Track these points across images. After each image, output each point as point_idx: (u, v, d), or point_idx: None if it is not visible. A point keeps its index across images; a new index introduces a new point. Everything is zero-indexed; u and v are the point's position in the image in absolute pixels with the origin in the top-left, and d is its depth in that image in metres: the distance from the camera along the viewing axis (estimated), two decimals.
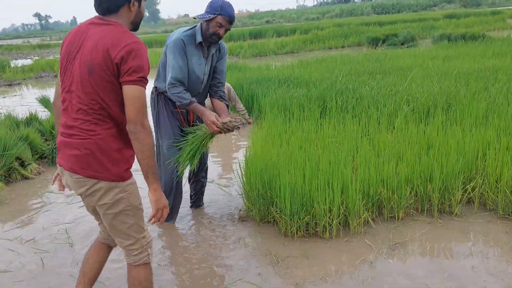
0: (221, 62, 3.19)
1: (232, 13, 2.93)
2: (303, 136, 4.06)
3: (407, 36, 15.24)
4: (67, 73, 1.87)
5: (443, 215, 3.22)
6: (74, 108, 1.84)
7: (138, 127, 1.78)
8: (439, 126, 3.97)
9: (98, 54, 1.76)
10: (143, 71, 1.79)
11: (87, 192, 1.88)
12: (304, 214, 2.98)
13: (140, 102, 1.79)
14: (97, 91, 1.79)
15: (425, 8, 54.55)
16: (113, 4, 1.84)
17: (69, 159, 1.86)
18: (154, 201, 1.90)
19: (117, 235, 2.00)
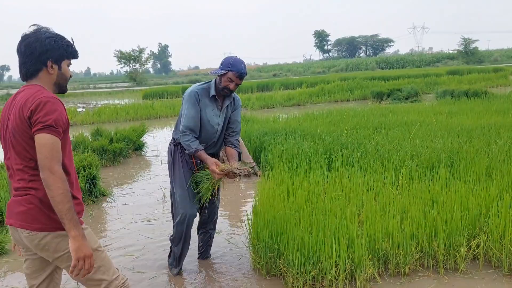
0: (235, 113, 3.39)
1: (243, 69, 3.15)
2: (309, 189, 4.15)
3: (411, 91, 15.62)
4: (4, 142, 1.97)
5: (449, 272, 3.23)
6: (14, 171, 1.94)
7: (46, 173, 1.80)
8: (443, 182, 4.06)
9: (16, 115, 1.87)
10: (49, 120, 1.82)
11: (39, 246, 1.92)
12: (311, 268, 3.02)
13: (46, 149, 1.81)
14: (26, 149, 1.89)
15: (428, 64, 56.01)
16: (30, 69, 1.94)
17: (18, 217, 1.92)
18: (73, 250, 1.83)
19: (89, 284, 2.02)
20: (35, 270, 2.09)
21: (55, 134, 1.84)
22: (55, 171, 1.81)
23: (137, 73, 55.67)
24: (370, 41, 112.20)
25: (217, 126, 3.29)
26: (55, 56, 1.94)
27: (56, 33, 1.98)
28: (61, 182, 1.82)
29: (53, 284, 2.15)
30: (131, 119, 15.14)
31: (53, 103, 1.86)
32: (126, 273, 3.54)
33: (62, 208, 1.82)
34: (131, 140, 8.69)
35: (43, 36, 1.91)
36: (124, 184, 6.57)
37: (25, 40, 1.91)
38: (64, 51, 1.97)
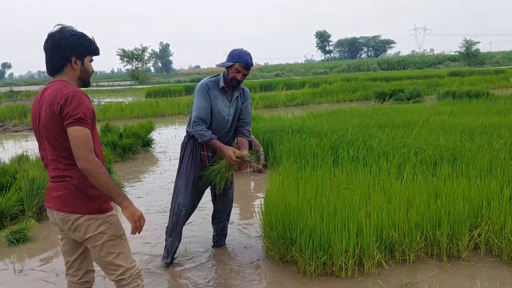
0: (245, 104, 3.57)
1: (249, 59, 3.33)
2: (318, 183, 4.35)
3: (413, 92, 15.81)
4: (38, 135, 2.15)
5: (452, 260, 3.43)
6: (49, 161, 2.13)
7: (84, 163, 2.00)
8: (446, 177, 4.25)
9: (47, 110, 2.05)
10: (79, 113, 1.99)
11: (73, 227, 2.13)
12: (322, 254, 3.21)
13: (79, 140, 1.99)
14: (59, 141, 2.06)
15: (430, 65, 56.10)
16: (56, 65, 2.11)
17: (55, 200, 2.13)
18: (128, 216, 2.12)
19: (107, 268, 2.22)
20: (70, 248, 2.30)
21: (85, 125, 2.02)
22: (90, 160, 2.01)
23: (139, 71, 55.88)
24: (371, 42, 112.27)
25: (228, 117, 3.47)
26: (79, 53, 2.12)
27: (79, 31, 2.16)
28: (99, 167, 2.03)
29: (86, 261, 2.35)
30: (136, 117, 15.34)
31: (79, 96, 2.03)
32: (144, 257, 3.73)
33: (107, 188, 2.04)
34: (140, 136, 8.89)
35: (67, 34, 2.09)
36: (135, 179, 6.76)
37: (51, 38, 2.09)
38: (87, 48, 2.15)
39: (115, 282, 2.24)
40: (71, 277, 2.34)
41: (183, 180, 3.48)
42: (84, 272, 2.34)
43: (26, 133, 12.91)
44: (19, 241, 4.15)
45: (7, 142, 11.37)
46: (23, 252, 4.01)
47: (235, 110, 3.51)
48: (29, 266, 3.71)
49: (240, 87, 3.51)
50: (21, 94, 32.36)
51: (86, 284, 2.36)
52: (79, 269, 2.33)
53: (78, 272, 2.33)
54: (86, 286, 2.36)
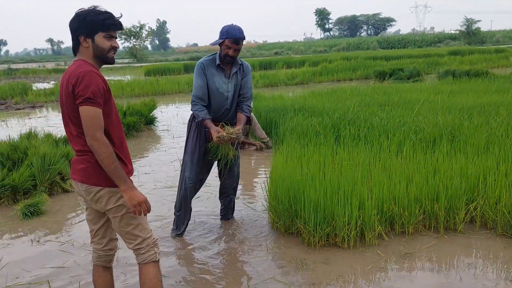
0: (245, 79, 3.66)
1: (237, 34, 3.39)
2: (320, 160, 4.50)
3: (413, 71, 15.85)
4: (63, 112, 2.25)
5: (448, 232, 3.61)
6: (73, 136, 2.23)
7: (91, 141, 2.09)
8: (444, 154, 4.41)
9: (64, 89, 2.16)
10: (88, 93, 2.06)
11: (95, 198, 2.26)
12: (325, 226, 3.39)
13: (88, 119, 2.08)
14: (77, 118, 2.15)
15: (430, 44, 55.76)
16: (73, 45, 2.23)
17: (79, 173, 2.25)
18: (128, 200, 2.18)
19: (126, 237, 2.37)
20: (94, 217, 2.45)
21: (95, 105, 2.09)
22: (97, 138, 2.09)
23: (137, 49, 55.39)
24: (371, 20, 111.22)
25: (227, 93, 3.57)
26: (85, 32, 2.18)
27: (90, 10, 2.19)
28: (105, 147, 2.11)
29: (109, 230, 2.50)
30: (136, 95, 15.39)
31: (90, 76, 2.08)
32: (156, 230, 3.91)
33: (109, 168, 2.14)
34: (143, 114, 9.00)
35: (75, 15, 2.18)
36: (141, 156, 6.92)
37: (73, 19, 2.19)
38: (96, 25, 2.17)
39: (134, 250, 2.39)
40: (96, 244, 2.49)
41: (189, 155, 3.63)
42: (108, 240, 2.49)
43: (28, 111, 13.00)
44: (33, 214, 4.32)
45: (10, 119, 11.46)
46: (38, 224, 4.18)
47: (235, 86, 3.60)
48: (45, 237, 3.89)
49: (238, 62, 3.59)
50: (20, 71, 32.22)
51: (110, 251, 2.52)
52: (104, 237, 2.48)
53: (103, 240, 2.48)
54: (110, 253, 2.52)
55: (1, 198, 4.68)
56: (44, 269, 3.30)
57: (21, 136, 6.18)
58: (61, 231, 4.01)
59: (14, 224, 4.19)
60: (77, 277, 3.16)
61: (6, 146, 5.27)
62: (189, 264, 3.37)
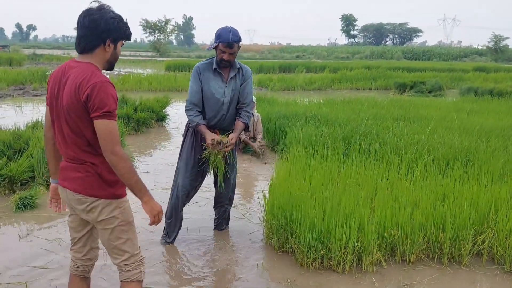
0: (245, 85, 3.49)
1: (230, 37, 3.21)
2: (325, 174, 4.31)
3: (435, 85, 15.49)
4: (57, 113, 2.09)
5: (453, 264, 3.39)
6: (68, 143, 2.09)
7: (110, 156, 2.01)
8: (456, 178, 4.17)
9: (71, 95, 1.99)
10: (107, 106, 1.97)
11: (87, 208, 2.14)
12: (320, 247, 3.21)
13: (107, 134, 1.99)
14: (80, 128, 2.03)
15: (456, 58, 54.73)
16: (89, 44, 2.05)
17: (73, 181, 2.12)
18: (148, 211, 2.15)
19: (113, 252, 2.24)
20: (78, 225, 2.31)
21: (113, 118, 2.02)
22: (116, 153, 2.01)
23: (161, 43, 55.82)
24: (398, 30, 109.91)
25: (223, 99, 3.40)
26: (115, 36, 2.08)
27: (118, 14, 2.12)
28: (124, 161, 2.03)
29: (92, 238, 2.37)
30: (153, 90, 15.38)
31: (106, 87, 1.99)
32: (147, 235, 3.78)
33: (130, 182, 2.07)
34: (155, 110, 8.93)
35: (108, 16, 2.05)
36: (146, 153, 6.82)
37: (90, 15, 2.03)
38: (123, 33, 2.12)
39: (118, 266, 2.26)
40: (75, 252, 2.36)
41: (183, 162, 3.50)
42: (88, 249, 2.36)
43: (45, 98, 13.08)
44: (26, 207, 4.24)
45: (26, 105, 11.54)
46: (30, 218, 4.09)
47: (233, 91, 3.43)
48: (34, 233, 3.79)
49: (236, 65, 3.42)
50: (44, 57, 32.72)
51: (89, 261, 2.39)
52: (84, 246, 2.35)
53: (83, 248, 2.35)
54: (88, 263, 2.39)
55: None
56: (26, 268, 3.19)
57: (27, 125, 6.14)
58: (50, 228, 3.91)
59: (6, 216, 4.12)
60: (56, 281, 3.04)
61: (10, 134, 5.23)
62: (176, 273, 3.23)
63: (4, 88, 14.27)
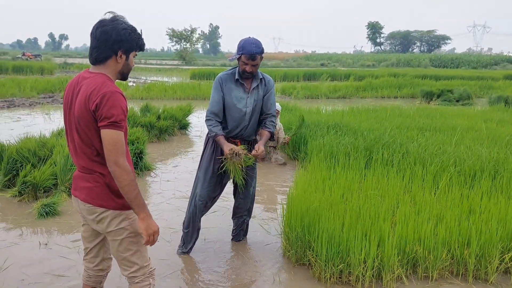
0: (268, 95, 3.47)
1: (253, 49, 3.17)
2: (346, 185, 4.22)
3: (463, 93, 15.08)
4: (69, 122, 2.11)
5: (478, 282, 3.24)
6: (78, 153, 2.09)
7: (113, 166, 1.98)
8: (484, 192, 4.01)
9: (82, 105, 1.99)
10: (114, 116, 1.96)
11: (97, 219, 2.14)
12: (339, 262, 3.12)
13: (112, 144, 1.97)
14: (89, 137, 2.03)
15: (486, 66, 53.29)
16: (101, 55, 2.05)
17: (83, 191, 2.13)
18: (144, 228, 2.08)
19: (122, 263, 2.23)
20: (90, 235, 2.32)
21: (119, 129, 2.00)
22: (120, 164, 1.98)
23: (187, 52, 56.63)
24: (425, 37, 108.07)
25: (245, 109, 3.38)
26: (126, 47, 2.07)
27: (131, 25, 2.11)
28: (126, 174, 2.00)
29: (104, 249, 2.37)
30: (178, 98, 15.57)
31: (116, 97, 1.98)
32: (164, 244, 3.77)
33: (130, 196, 2.03)
34: (177, 119, 9.00)
35: (120, 27, 2.04)
36: (168, 161, 6.86)
37: (102, 27, 2.03)
38: (135, 43, 2.11)
39: (127, 278, 2.26)
40: (88, 263, 2.37)
41: (202, 171, 3.48)
42: (100, 259, 2.36)
43: None
44: (48, 214, 4.30)
45: (54, 113, 11.85)
46: (51, 225, 4.15)
47: (255, 101, 3.41)
48: (54, 240, 3.84)
49: (259, 76, 3.40)
50: (74, 66, 33.66)
51: (101, 272, 2.39)
52: (96, 256, 2.35)
53: (95, 259, 2.35)
54: (100, 273, 2.39)
55: (22, 195, 4.72)
56: (45, 276, 3.22)
57: (52, 132, 6.27)
58: (70, 235, 3.95)
59: (28, 222, 4.19)
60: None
61: (35, 142, 5.34)
62: (191, 284, 3.20)
63: (35, 96, 14.71)
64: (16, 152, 5.01)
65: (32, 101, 13.68)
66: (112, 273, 2.71)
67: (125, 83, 17.68)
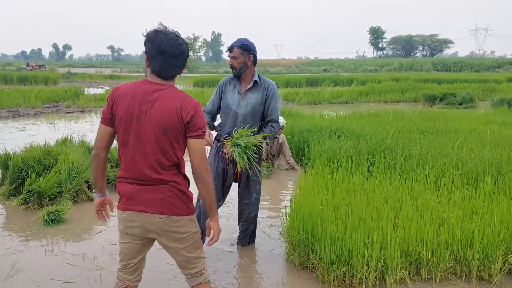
0: (269, 102, 3.52)
1: (234, 43, 3.42)
2: (348, 188, 4.24)
3: (465, 96, 15.07)
4: (136, 133, 2.08)
5: (482, 283, 3.24)
6: (152, 164, 2.09)
7: (204, 173, 2.10)
8: (486, 193, 4.01)
9: (172, 115, 2.04)
10: (204, 126, 2.12)
11: (171, 229, 2.16)
12: (342, 264, 3.13)
13: (202, 152, 2.11)
14: (173, 147, 2.09)
15: (488, 69, 53.21)
16: (177, 72, 2.15)
17: (154, 203, 2.11)
18: (216, 228, 2.25)
19: (191, 263, 2.27)
20: (135, 253, 2.28)
21: (204, 137, 2.14)
22: (208, 170, 2.12)
23: (190, 60, 56.87)
24: (427, 41, 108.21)
25: (239, 110, 3.47)
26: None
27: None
28: (211, 178, 2.15)
29: (143, 260, 2.37)
30: None
31: (201, 108, 2.14)
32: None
33: (212, 199, 2.18)
34: None
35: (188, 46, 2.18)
36: None
37: (181, 46, 2.10)
38: None
39: (196, 274, 2.30)
40: (126, 275, 2.32)
41: None
42: (140, 271, 2.36)
43: (77, 115, 13.50)
44: (53, 221, 4.34)
45: (58, 122, 11.94)
46: (56, 233, 4.19)
47: (251, 104, 3.46)
48: (59, 247, 3.87)
49: (253, 78, 3.49)
50: (78, 75, 33.93)
51: (137, 282, 2.37)
52: (137, 269, 2.33)
53: (135, 272, 2.32)
54: (137, 283, 2.37)
55: (28, 203, 4.77)
56: (51, 282, 3.25)
57: (57, 141, 6.33)
58: (75, 243, 3.98)
59: (34, 230, 4.23)
60: None
61: (40, 150, 5.39)
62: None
63: (39, 106, 14.83)
64: (22, 160, 5.07)
65: (37, 111, 13.79)
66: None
67: None
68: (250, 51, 3.41)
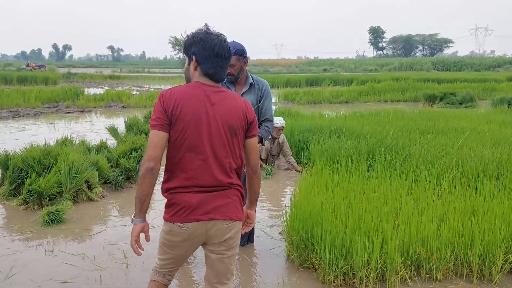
0: (263, 101, 3.54)
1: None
2: (348, 188, 4.23)
3: (466, 96, 15.07)
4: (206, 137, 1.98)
5: (483, 282, 3.23)
6: (224, 168, 2.03)
7: (258, 170, 2.20)
8: (487, 193, 4.01)
9: (239, 117, 2.04)
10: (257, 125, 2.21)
11: (231, 234, 2.06)
12: (342, 264, 3.13)
13: (257, 150, 2.20)
14: (239, 148, 2.09)
15: (488, 68, 53.19)
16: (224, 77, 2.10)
17: (221, 209, 2.01)
18: (254, 217, 2.35)
19: (226, 276, 2.14)
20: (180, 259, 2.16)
21: None
22: (259, 167, 2.20)
23: None
24: (427, 41, 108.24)
25: None
26: None
27: None
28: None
29: None
30: None
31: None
32: None
33: (259, 191, 2.29)
34: None
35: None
36: None
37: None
38: None
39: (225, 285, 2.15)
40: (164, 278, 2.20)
41: None
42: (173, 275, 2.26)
43: (77, 115, 13.50)
44: (53, 221, 4.34)
45: (58, 122, 11.94)
46: (56, 233, 4.18)
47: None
48: (59, 247, 3.87)
49: (249, 81, 3.47)
50: (78, 76, 33.92)
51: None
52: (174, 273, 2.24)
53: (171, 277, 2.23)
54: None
55: (28, 203, 4.76)
56: (51, 282, 3.25)
57: (57, 141, 6.33)
58: (75, 243, 3.98)
59: (34, 230, 4.23)
60: None
61: (40, 151, 5.38)
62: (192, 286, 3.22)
63: (39, 106, 14.84)
64: (22, 161, 5.06)
65: (37, 111, 13.79)
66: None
67: (128, 92, 17.81)
68: (244, 55, 3.36)
